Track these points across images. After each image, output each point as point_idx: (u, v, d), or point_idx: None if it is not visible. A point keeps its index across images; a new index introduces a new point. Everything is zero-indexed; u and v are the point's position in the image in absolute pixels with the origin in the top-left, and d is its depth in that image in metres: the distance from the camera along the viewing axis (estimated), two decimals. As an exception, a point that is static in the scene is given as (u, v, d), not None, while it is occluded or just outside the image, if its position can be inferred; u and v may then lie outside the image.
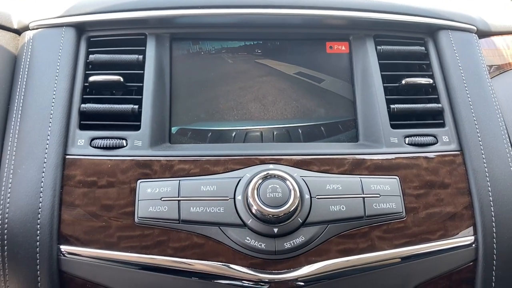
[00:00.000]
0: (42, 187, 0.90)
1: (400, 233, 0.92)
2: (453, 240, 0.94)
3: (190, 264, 0.88)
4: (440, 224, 0.94)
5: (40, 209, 0.88)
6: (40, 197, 0.89)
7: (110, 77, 1.01)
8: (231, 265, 0.88)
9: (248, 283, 0.88)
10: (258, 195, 0.87)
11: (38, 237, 0.87)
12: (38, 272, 0.87)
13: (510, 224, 0.95)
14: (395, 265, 0.91)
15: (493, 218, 0.94)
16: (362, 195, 0.92)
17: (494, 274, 0.94)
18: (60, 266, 0.89)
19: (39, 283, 0.88)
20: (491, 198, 0.95)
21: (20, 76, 0.99)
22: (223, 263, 0.88)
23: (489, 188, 0.96)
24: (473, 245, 0.94)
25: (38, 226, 0.88)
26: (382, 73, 1.07)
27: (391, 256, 0.91)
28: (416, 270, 0.92)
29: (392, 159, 0.98)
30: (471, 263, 0.94)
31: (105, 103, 1.00)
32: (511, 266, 0.95)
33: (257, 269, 0.88)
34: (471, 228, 0.95)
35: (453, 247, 0.94)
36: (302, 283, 0.88)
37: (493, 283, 0.94)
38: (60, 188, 0.91)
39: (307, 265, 0.89)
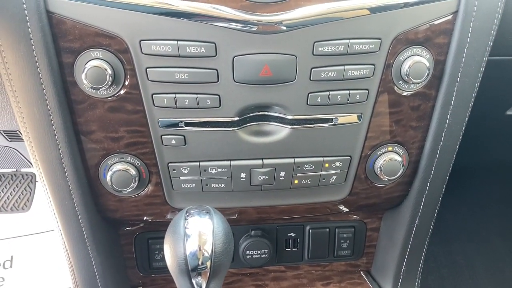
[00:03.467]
0: None
1: None
2: None
3: (175, 6, 0.87)
4: None
5: None
6: None
7: None
8: (221, 7, 0.88)
9: (237, 25, 0.89)
10: None
11: None
12: (26, 12, 0.86)
13: None
14: (378, 11, 0.93)
15: None
16: None
17: (471, 25, 0.97)
18: (47, 6, 0.87)
19: (29, 26, 0.87)
20: None
21: None
22: (212, 5, 0.88)
23: None
24: None
25: None
26: None
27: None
28: (399, 19, 0.95)
29: None
30: (452, 15, 0.98)
31: None
32: (486, 19, 0.98)
33: (246, 11, 0.90)
34: None
35: None
36: (284, 27, 0.90)
37: (469, 34, 0.98)
38: None
39: (295, 9, 0.90)
